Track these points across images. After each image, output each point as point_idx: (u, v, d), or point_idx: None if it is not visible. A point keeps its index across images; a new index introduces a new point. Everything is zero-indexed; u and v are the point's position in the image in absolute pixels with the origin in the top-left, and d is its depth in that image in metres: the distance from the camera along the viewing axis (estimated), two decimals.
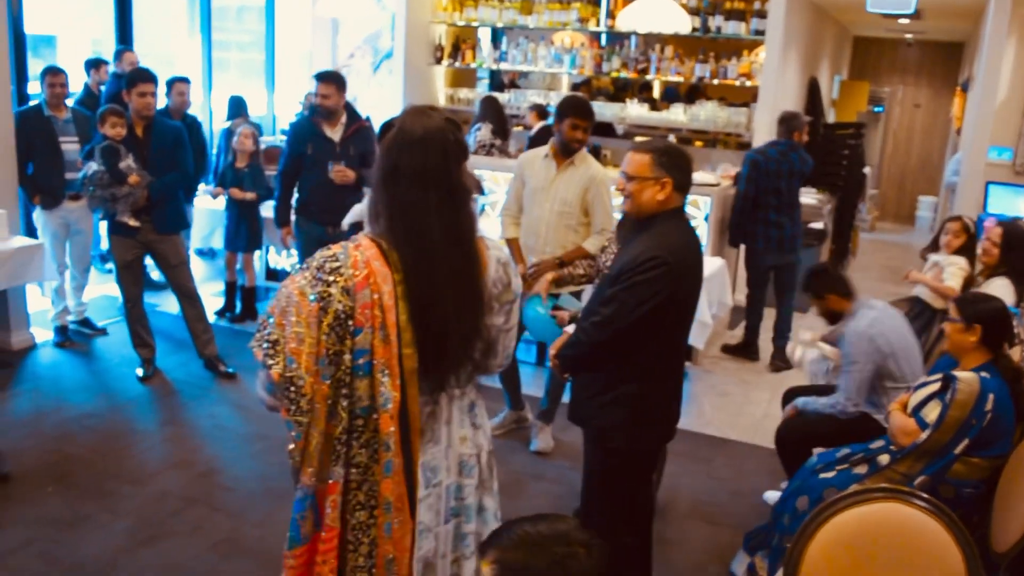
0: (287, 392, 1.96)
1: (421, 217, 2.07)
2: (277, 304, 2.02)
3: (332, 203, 5.42)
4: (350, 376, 2.02)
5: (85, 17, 11.76)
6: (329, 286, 2.00)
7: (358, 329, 2.00)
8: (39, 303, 6.32)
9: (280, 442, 4.61)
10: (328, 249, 2.07)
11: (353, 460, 2.07)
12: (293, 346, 1.95)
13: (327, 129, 5.45)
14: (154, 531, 3.89)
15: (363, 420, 2.05)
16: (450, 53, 9.41)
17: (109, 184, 5.09)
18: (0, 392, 5.20)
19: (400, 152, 2.08)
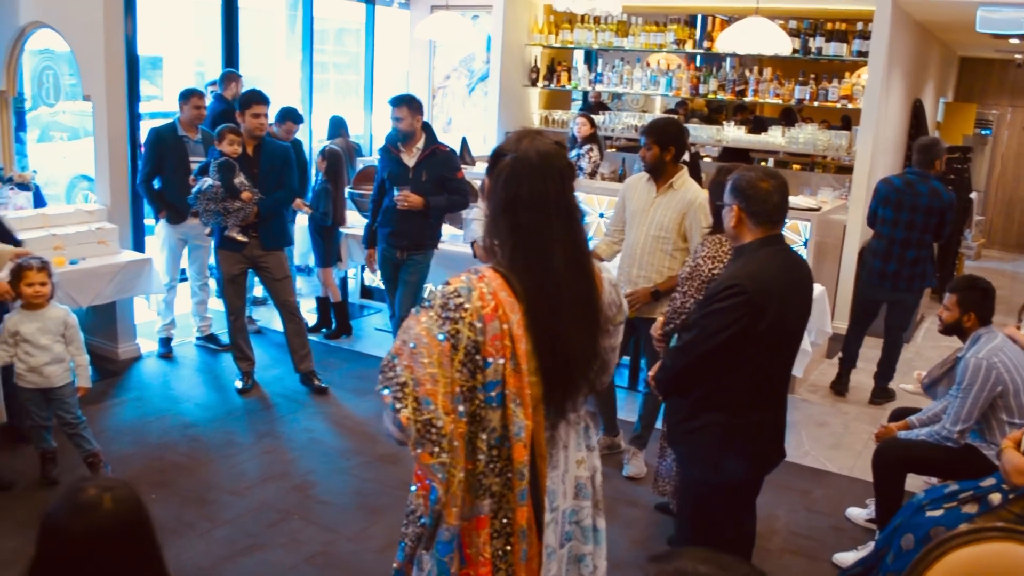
0: (428, 435, 1.92)
1: (544, 244, 2.06)
2: (403, 346, 1.98)
3: (400, 228, 5.46)
4: (484, 409, 2.00)
5: (190, 39, 12.22)
6: (457, 323, 1.97)
7: (488, 361, 1.98)
8: (145, 315, 6.53)
9: (375, 458, 4.72)
10: (448, 285, 2.04)
11: (490, 490, 2.06)
12: (429, 387, 1.92)
13: (404, 154, 5.46)
14: (252, 541, 3.97)
15: (497, 450, 2.04)
16: (545, 75, 9.45)
17: (223, 199, 5.24)
18: (106, 400, 5.39)
19: (519, 181, 2.06)
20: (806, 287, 2.98)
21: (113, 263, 5.48)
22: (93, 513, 1.59)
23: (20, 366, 4.19)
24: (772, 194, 2.84)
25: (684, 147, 4.60)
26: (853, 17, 7.93)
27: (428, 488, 2.02)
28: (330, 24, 11.58)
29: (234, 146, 5.30)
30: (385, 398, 1.95)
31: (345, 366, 6.23)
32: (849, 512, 4.51)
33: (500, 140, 8.50)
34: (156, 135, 5.99)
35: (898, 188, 5.89)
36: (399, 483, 4.53)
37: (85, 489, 1.63)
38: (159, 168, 5.97)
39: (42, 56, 6.44)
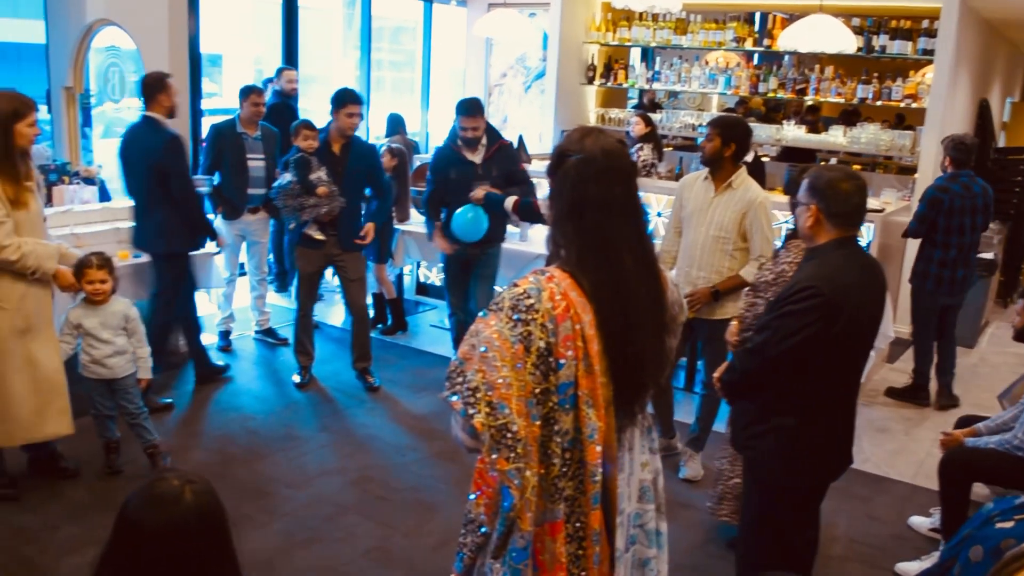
0: (503, 441, 1.89)
1: (612, 245, 2.03)
2: (472, 350, 1.94)
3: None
4: (556, 411, 1.97)
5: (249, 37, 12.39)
6: (528, 324, 1.93)
7: (560, 362, 1.94)
8: (204, 309, 6.60)
9: (431, 455, 4.73)
10: (515, 287, 2.00)
11: (563, 494, 2.03)
12: (503, 391, 1.89)
13: (468, 153, 5.45)
14: (309, 534, 4.00)
15: (570, 453, 2.01)
16: (602, 73, 9.40)
17: (299, 194, 5.27)
18: (168, 392, 5.47)
19: (586, 181, 2.02)
20: (880, 291, 2.91)
21: None
22: (173, 506, 1.59)
23: (84, 358, 4.28)
24: (853, 195, 2.78)
25: (746, 148, 4.53)
26: (919, 14, 7.76)
27: (490, 496, 2.00)
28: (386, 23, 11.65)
29: (309, 141, 5.31)
30: (454, 404, 1.91)
31: (401, 362, 6.25)
32: (912, 521, 4.41)
33: (556, 138, 8.50)
34: (216, 131, 6.07)
35: (960, 195, 5.75)
36: (455, 480, 4.53)
37: (166, 480, 1.63)
38: (218, 164, 6.05)
39: (108, 53, 6.55)
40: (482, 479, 2.12)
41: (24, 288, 3.94)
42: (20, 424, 4.02)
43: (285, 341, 6.29)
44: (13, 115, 3.81)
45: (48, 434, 4.15)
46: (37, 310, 4.02)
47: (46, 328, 4.07)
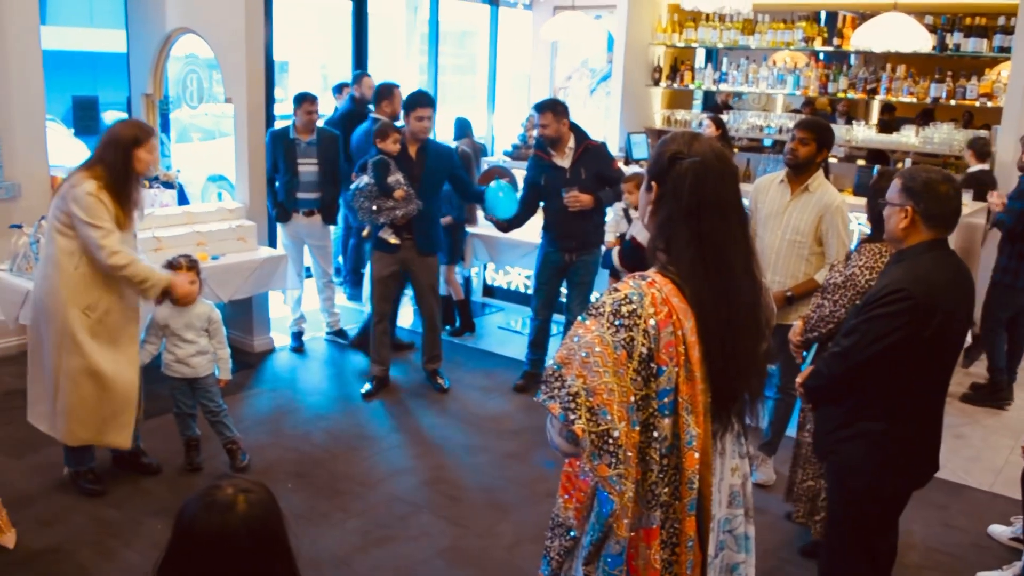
0: (605, 447, 1.88)
1: (726, 251, 2.01)
2: (571, 355, 1.92)
3: (571, 230, 5.45)
4: (656, 417, 1.96)
5: (315, 44, 12.60)
6: (631, 330, 1.91)
7: (661, 368, 1.93)
8: (277, 310, 6.74)
9: (502, 456, 4.77)
10: (616, 291, 1.98)
11: (659, 500, 2.02)
12: (604, 397, 1.87)
13: (556, 157, 5.44)
14: (384, 533, 4.06)
15: (667, 459, 2.00)
16: (668, 74, 9.36)
17: (376, 196, 5.30)
18: (243, 391, 5.60)
19: (703, 185, 2.00)
20: (970, 295, 2.87)
21: (251, 259, 5.71)
22: (227, 513, 1.62)
23: (168, 357, 4.41)
24: (952, 198, 2.75)
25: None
26: (994, 11, 7.59)
27: (580, 500, 2.01)
28: (449, 27, 11.75)
29: (396, 144, 5.32)
30: (552, 408, 1.90)
31: (470, 363, 6.31)
32: (992, 529, 4.32)
33: (621, 140, 8.48)
34: (272, 137, 6.20)
35: None
36: (526, 481, 4.57)
37: (221, 488, 1.66)
38: (275, 168, 6.17)
39: (186, 61, 6.73)
40: (570, 483, 2.13)
41: (113, 301, 4.06)
42: (84, 426, 4.13)
43: (354, 342, 6.39)
44: (134, 141, 3.98)
45: (107, 443, 4.24)
46: (122, 325, 4.13)
47: (128, 344, 4.18)
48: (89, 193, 3.87)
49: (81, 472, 4.30)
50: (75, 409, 4.08)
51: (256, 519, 1.64)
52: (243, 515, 1.62)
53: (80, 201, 3.87)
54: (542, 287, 5.73)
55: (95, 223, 3.87)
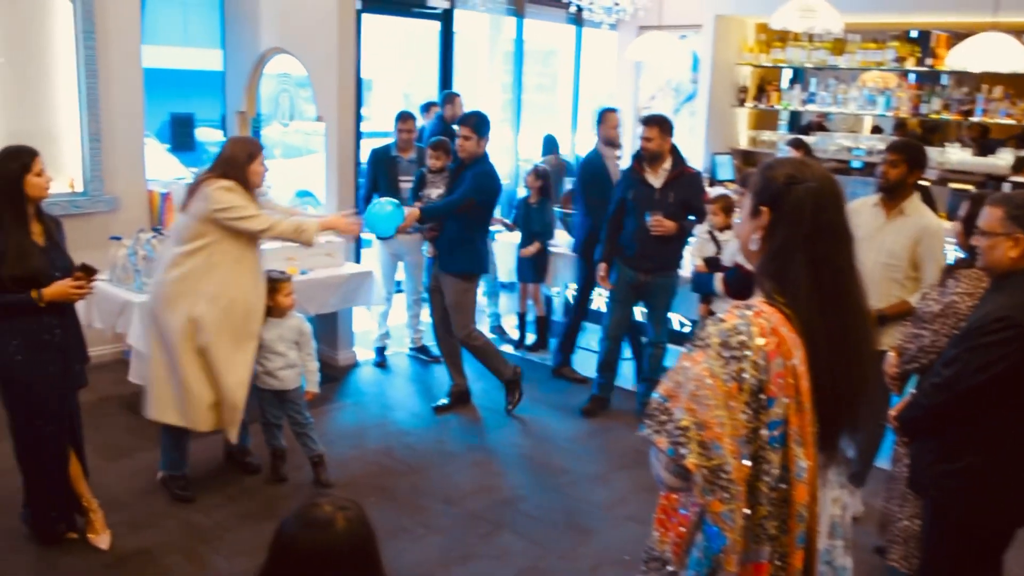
0: (718, 482, 1.84)
1: (842, 277, 1.96)
2: (677, 387, 1.89)
3: (649, 250, 5.37)
4: (765, 450, 1.91)
5: (399, 63, 12.80)
6: (740, 361, 1.86)
7: (771, 400, 1.88)
8: (360, 324, 6.83)
9: (583, 478, 4.74)
10: (722, 322, 1.93)
11: (768, 534, 1.98)
12: (716, 431, 1.84)
13: (649, 174, 5.38)
14: (465, 551, 4.06)
15: (777, 493, 1.96)
16: (754, 95, 9.25)
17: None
18: (327, 404, 5.68)
19: (824, 210, 1.95)
20: None
21: (339, 274, 5.81)
22: (326, 531, 1.64)
23: (258, 368, 4.49)
24: None
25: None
26: None
27: (680, 535, 1.97)
28: (532, 46, 11.83)
29: (436, 160, 5.55)
30: (659, 442, 1.87)
31: (548, 383, 6.29)
32: None
33: (707, 161, 8.40)
34: (373, 154, 6.32)
35: None
36: (608, 504, 4.53)
37: (319, 506, 1.68)
38: (375, 186, 6.28)
39: (279, 79, 6.90)
40: (667, 515, 2.10)
41: (239, 295, 4.22)
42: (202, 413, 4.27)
43: (438, 359, 6.42)
44: (249, 158, 4.22)
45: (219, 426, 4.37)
46: (244, 321, 4.27)
47: (247, 340, 4.31)
48: (223, 187, 4.13)
49: (174, 477, 4.42)
50: (195, 397, 4.23)
51: (355, 536, 1.66)
52: (342, 532, 1.64)
53: (215, 194, 4.11)
54: (615, 308, 5.65)
55: (233, 206, 4.12)
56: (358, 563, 1.66)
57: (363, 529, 1.69)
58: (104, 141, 5.96)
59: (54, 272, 3.62)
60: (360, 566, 1.66)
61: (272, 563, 1.68)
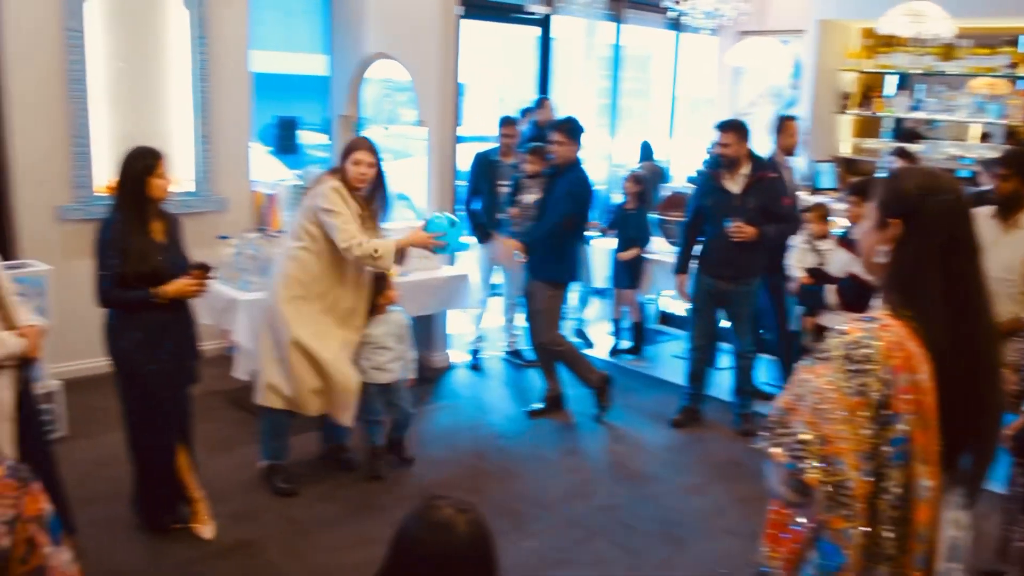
0: (840, 499, 1.80)
1: (975, 291, 1.91)
2: (797, 400, 1.85)
3: (729, 258, 5.28)
4: (887, 467, 1.86)
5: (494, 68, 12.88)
6: (865, 375, 1.82)
7: (895, 416, 1.84)
8: (454, 327, 6.88)
9: (679, 488, 4.68)
10: (845, 335, 1.88)
11: (885, 554, 1.94)
12: (840, 446, 1.80)
13: (727, 180, 5.29)
14: (560, 556, 4.06)
15: (897, 511, 1.91)
16: (858, 101, 9.03)
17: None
18: (424, 405, 5.75)
19: (959, 222, 1.91)
20: None
21: (436, 277, 5.90)
22: (449, 534, 1.64)
23: (366, 363, 4.59)
24: None
25: None
26: None
27: (792, 551, 1.93)
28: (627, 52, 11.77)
29: (532, 165, 5.61)
30: (777, 455, 1.84)
31: (643, 391, 6.25)
32: None
33: (808, 168, 8.22)
34: (476, 159, 6.40)
35: None
36: (704, 515, 4.47)
37: (440, 508, 1.68)
38: (476, 191, 6.34)
39: (382, 84, 7.04)
40: (777, 530, 2.05)
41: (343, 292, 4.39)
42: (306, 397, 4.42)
43: (531, 363, 6.44)
44: (343, 154, 4.40)
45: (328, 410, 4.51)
46: (348, 316, 4.43)
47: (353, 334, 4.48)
48: (332, 187, 4.28)
49: (275, 468, 4.54)
50: (302, 382, 4.38)
51: (477, 538, 1.67)
52: (465, 534, 1.65)
53: (322, 193, 4.27)
54: (697, 316, 5.57)
55: (333, 209, 4.24)
56: (479, 565, 1.67)
57: (484, 530, 1.69)
58: (214, 143, 6.17)
59: (172, 270, 3.76)
60: (481, 568, 1.67)
61: (394, 565, 1.69)
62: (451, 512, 1.67)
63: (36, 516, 1.33)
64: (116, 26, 5.78)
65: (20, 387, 3.37)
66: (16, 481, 1.33)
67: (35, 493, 1.36)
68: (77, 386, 5.35)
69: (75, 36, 5.57)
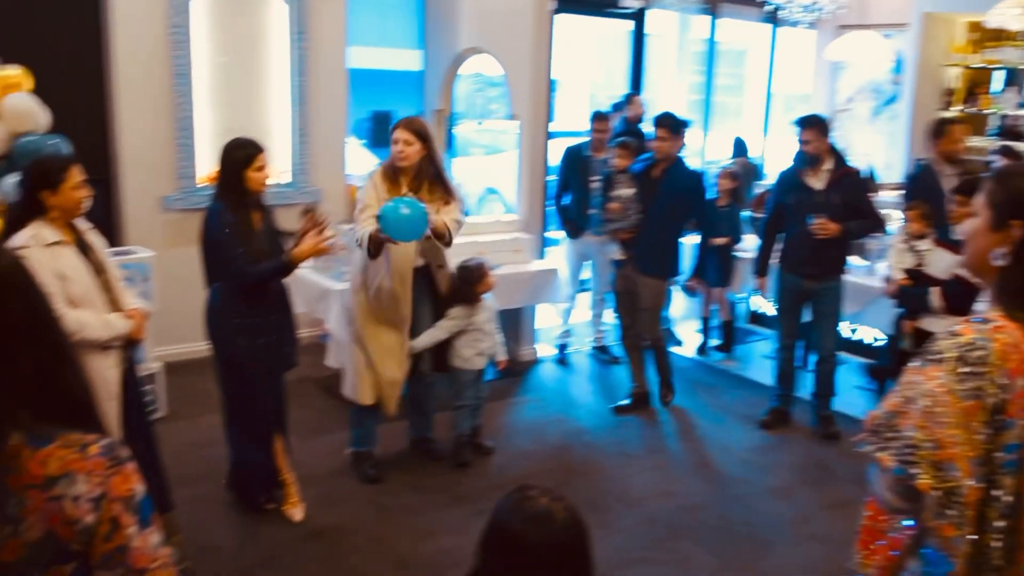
0: (951, 505, 1.75)
1: None
2: (906, 403, 1.79)
3: (811, 256, 5.17)
4: (999, 474, 1.79)
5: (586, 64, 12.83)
6: (980, 378, 1.75)
7: (1010, 421, 1.77)
8: (541, 321, 6.89)
9: (765, 490, 4.62)
10: (957, 336, 1.81)
11: (992, 563, 1.87)
12: (953, 451, 1.75)
13: (810, 177, 5.18)
14: (643, 554, 4.05)
15: (1007, 521, 1.85)
16: (963, 98, 8.71)
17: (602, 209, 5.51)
18: (508, 398, 5.80)
19: None
20: None
21: (526, 271, 5.93)
22: (550, 524, 1.63)
23: (468, 352, 4.70)
24: None
25: None
26: None
27: (888, 558, 1.88)
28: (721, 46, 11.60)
29: (622, 160, 5.56)
30: (884, 460, 1.78)
31: (731, 391, 6.16)
32: None
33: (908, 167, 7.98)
34: (567, 153, 6.38)
35: None
36: (790, 520, 4.40)
37: (535, 499, 1.67)
38: (566, 186, 6.34)
39: (474, 79, 7.10)
40: (873, 537, 2.00)
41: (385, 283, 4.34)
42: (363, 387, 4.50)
43: (617, 359, 6.42)
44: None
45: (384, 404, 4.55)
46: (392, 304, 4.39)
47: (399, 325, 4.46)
48: (369, 175, 4.40)
49: (361, 454, 4.63)
50: (359, 372, 4.49)
51: (575, 526, 1.66)
52: (563, 523, 1.64)
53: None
54: (783, 315, 5.47)
55: (360, 198, 4.35)
56: (578, 552, 1.66)
57: (580, 519, 1.69)
58: (310, 137, 6.32)
59: (274, 254, 3.87)
60: (580, 555, 1.67)
61: (493, 558, 1.68)
62: (547, 501, 1.67)
63: (123, 496, 1.35)
64: (219, 22, 5.97)
65: (125, 368, 3.52)
66: (108, 460, 1.35)
67: (126, 473, 1.37)
68: (177, 369, 5.55)
69: (180, 32, 5.77)
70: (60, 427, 1.36)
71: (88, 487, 1.32)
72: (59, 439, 1.34)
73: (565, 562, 1.65)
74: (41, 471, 1.30)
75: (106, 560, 1.33)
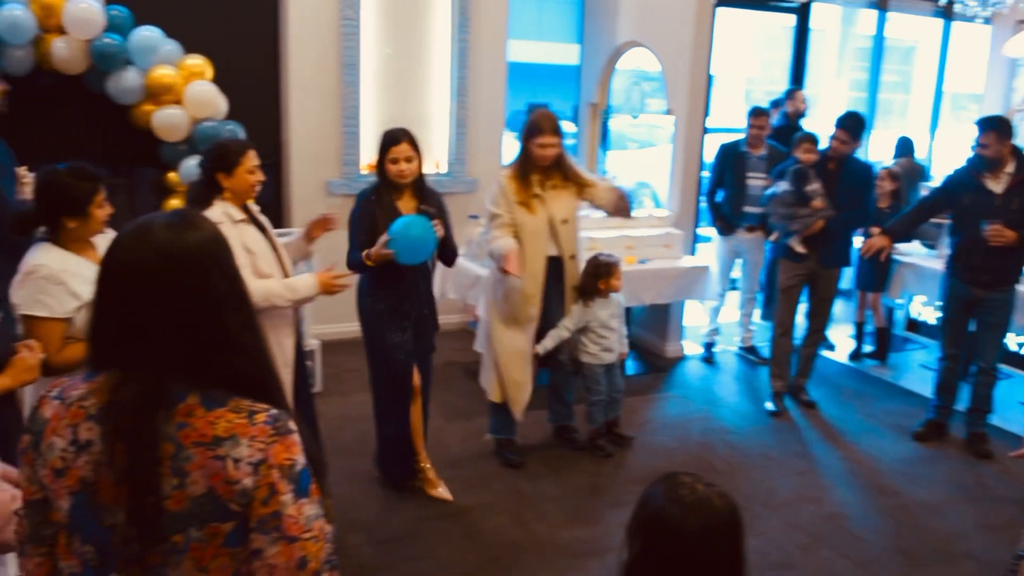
0: None
1: None
2: None
3: (982, 263, 4.92)
4: None
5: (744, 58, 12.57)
6: None
7: None
8: (689, 319, 6.84)
9: (913, 504, 4.48)
10: None
11: None
12: None
13: (989, 180, 4.91)
14: (783, 559, 3.98)
15: None
16: None
17: (792, 204, 5.34)
18: (653, 393, 5.80)
19: None
20: None
21: (676, 267, 5.90)
22: (710, 511, 1.62)
23: (594, 348, 4.74)
24: None
25: None
26: None
27: None
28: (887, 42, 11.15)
29: (809, 154, 5.40)
30: None
31: (883, 400, 5.95)
32: None
33: None
34: (721, 150, 6.30)
35: None
36: (943, 537, 4.22)
37: (689, 485, 1.66)
38: (720, 181, 6.26)
39: (631, 73, 7.10)
40: None
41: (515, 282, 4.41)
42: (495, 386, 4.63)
43: (765, 360, 6.30)
44: (528, 132, 4.41)
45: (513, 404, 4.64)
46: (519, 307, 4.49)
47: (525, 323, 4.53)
48: (500, 176, 4.48)
49: (503, 441, 4.74)
50: (490, 369, 4.63)
51: (732, 511, 1.65)
52: (722, 509, 1.64)
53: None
54: (948, 324, 5.22)
55: (489, 210, 4.45)
56: (735, 540, 1.66)
57: (736, 505, 1.68)
58: (469, 128, 6.48)
59: None
60: (736, 543, 1.66)
61: (649, 546, 1.67)
62: (703, 488, 1.66)
63: (281, 464, 1.40)
64: (387, 15, 6.20)
65: (296, 340, 3.71)
66: (272, 428, 1.41)
67: (288, 443, 1.42)
68: (333, 347, 5.82)
69: (351, 24, 6.03)
70: (237, 394, 1.45)
71: (250, 451, 1.39)
72: (230, 403, 1.43)
73: (722, 549, 1.64)
74: (210, 431, 1.39)
75: (262, 523, 1.40)
